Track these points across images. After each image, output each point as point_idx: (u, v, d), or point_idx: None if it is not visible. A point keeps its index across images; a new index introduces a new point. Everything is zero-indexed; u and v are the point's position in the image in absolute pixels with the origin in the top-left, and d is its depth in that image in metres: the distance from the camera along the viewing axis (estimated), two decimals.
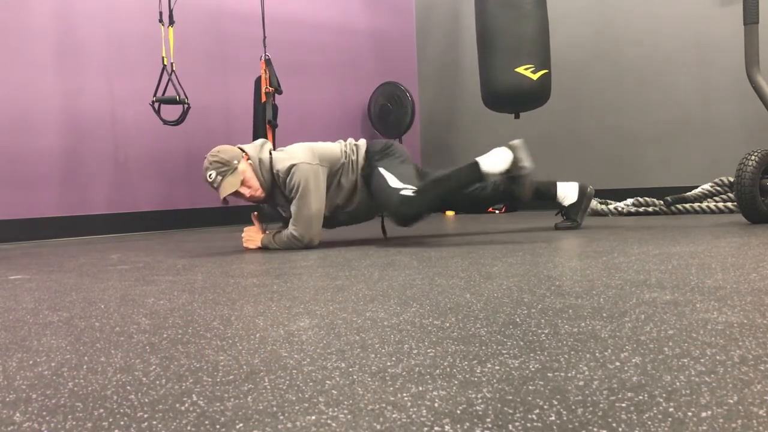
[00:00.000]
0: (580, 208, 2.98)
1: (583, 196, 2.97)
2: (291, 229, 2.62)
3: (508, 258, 2.02)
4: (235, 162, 2.59)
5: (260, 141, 2.75)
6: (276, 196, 2.71)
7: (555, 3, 5.16)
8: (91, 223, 4.29)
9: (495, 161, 2.56)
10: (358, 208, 2.77)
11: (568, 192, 2.97)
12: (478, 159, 2.59)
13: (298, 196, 2.57)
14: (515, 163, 2.54)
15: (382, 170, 2.67)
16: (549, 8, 5.09)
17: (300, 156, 2.61)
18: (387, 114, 5.49)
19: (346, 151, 2.75)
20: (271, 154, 2.66)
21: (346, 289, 1.55)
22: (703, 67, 4.53)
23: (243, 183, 2.60)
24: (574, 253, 2.09)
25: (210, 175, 2.58)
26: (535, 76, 3.94)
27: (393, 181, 2.63)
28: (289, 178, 2.58)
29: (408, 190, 2.59)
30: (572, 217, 2.99)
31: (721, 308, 1.14)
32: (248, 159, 2.64)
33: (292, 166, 2.57)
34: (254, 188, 2.65)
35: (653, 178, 4.76)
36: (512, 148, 2.57)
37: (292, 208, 2.61)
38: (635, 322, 1.07)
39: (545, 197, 2.98)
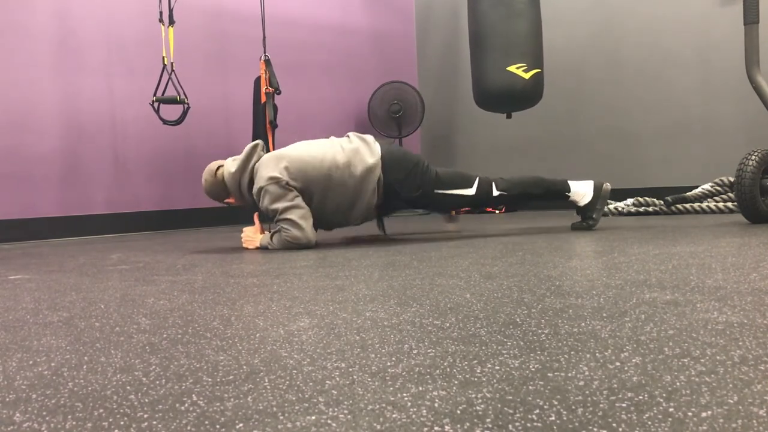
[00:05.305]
0: (596, 207, 2.89)
1: (599, 194, 2.89)
2: (284, 234, 2.62)
3: (508, 258, 2.02)
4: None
5: (245, 152, 2.71)
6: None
7: (554, 2, 5.16)
8: (91, 223, 4.29)
9: (582, 193, 2.86)
10: (356, 214, 2.75)
11: (582, 190, 2.89)
12: (571, 183, 2.85)
13: (277, 215, 2.61)
14: (591, 206, 2.86)
15: (442, 192, 2.74)
16: (548, 7, 5.09)
17: (265, 174, 2.60)
18: (397, 114, 5.47)
19: (338, 163, 2.65)
20: (253, 171, 2.67)
21: (346, 289, 1.55)
22: (703, 67, 4.53)
23: (230, 195, 2.78)
24: (574, 253, 2.09)
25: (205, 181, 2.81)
26: (527, 75, 3.92)
27: (464, 191, 2.74)
28: (260, 202, 2.64)
29: (494, 190, 2.76)
30: (588, 216, 2.92)
31: (722, 308, 1.14)
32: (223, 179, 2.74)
33: (260, 189, 2.61)
34: (239, 201, 2.81)
35: (653, 178, 4.76)
36: (600, 193, 2.86)
37: (278, 223, 2.65)
38: (635, 322, 1.07)
39: (556, 197, 2.93)
